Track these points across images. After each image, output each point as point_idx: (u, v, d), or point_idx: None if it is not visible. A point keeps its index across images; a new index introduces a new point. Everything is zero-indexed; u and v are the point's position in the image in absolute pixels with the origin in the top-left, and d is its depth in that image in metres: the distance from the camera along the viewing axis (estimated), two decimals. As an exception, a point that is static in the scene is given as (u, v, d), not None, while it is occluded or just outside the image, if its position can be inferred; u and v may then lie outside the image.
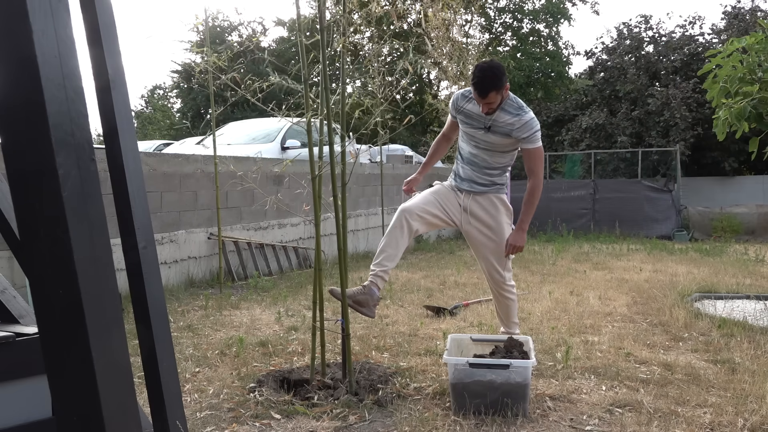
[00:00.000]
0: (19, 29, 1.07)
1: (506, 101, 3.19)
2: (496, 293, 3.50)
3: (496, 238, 3.38)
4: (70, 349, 1.12)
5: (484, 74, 3.06)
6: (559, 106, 17.96)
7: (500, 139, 3.24)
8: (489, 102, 3.10)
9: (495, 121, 3.20)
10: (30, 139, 1.10)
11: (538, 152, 3.26)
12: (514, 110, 3.19)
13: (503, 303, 3.52)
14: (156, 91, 28.38)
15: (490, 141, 3.27)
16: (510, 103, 3.20)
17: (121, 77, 1.38)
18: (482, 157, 3.34)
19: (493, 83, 3.05)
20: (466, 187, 3.40)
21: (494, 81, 3.05)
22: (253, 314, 4.83)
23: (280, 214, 7.40)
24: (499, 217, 3.40)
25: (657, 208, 12.26)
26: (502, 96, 3.13)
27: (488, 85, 3.05)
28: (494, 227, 3.38)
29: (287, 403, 2.84)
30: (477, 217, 3.39)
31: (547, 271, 7.24)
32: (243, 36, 22.10)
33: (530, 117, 3.19)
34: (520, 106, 3.21)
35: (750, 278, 6.59)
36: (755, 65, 4.32)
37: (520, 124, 3.17)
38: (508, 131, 3.20)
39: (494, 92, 3.07)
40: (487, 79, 3.05)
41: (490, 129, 3.23)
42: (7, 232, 1.65)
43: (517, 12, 20.47)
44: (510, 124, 3.18)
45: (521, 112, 3.19)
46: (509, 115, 3.18)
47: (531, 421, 2.67)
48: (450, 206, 3.42)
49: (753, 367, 3.39)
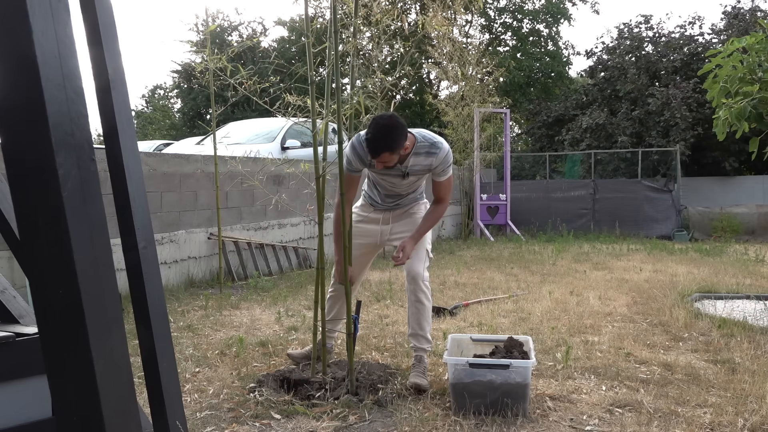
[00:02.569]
0: (19, 29, 1.07)
1: (416, 145, 2.99)
2: (412, 294, 3.14)
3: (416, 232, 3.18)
4: (70, 349, 1.12)
5: (377, 133, 2.77)
6: (559, 106, 17.96)
7: (419, 178, 3.15)
8: (382, 161, 2.86)
9: (412, 167, 3.04)
10: (30, 139, 1.10)
11: (450, 181, 3.15)
12: (428, 149, 3.01)
13: (418, 303, 3.13)
14: (156, 91, 28.38)
15: (410, 182, 3.15)
16: (422, 146, 3.00)
17: (121, 77, 1.38)
18: (404, 192, 3.23)
19: (386, 145, 2.78)
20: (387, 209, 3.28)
21: (387, 143, 2.77)
22: (253, 314, 4.83)
23: (280, 214, 7.40)
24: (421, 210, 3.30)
25: (657, 208, 12.27)
26: (399, 155, 2.89)
27: (380, 146, 2.78)
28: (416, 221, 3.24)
29: (287, 403, 2.84)
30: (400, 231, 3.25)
31: (547, 271, 7.24)
32: (243, 36, 22.10)
33: (446, 152, 3.03)
34: (434, 143, 3.02)
35: (750, 278, 6.59)
36: (755, 65, 4.32)
37: (439, 161, 3.02)
38: (426, 169, 3.07)
39: (387, 153, 2.81)
40: (379, 139, 2.77)
41: (408, 174, 3.07)
42: (7, 232, 1.65)
43: (517, 12, 20.47)
44: (428, 164, 3.04)
45: (434, 149, 3.01)
46: (423, 156, 3.02)
47: (531, 421, 2.67)
48: (366, 236, 3.28)
49: (753, 367, 3.39)
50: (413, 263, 3.11)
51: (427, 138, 3.04)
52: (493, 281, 6.46)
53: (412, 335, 3.20)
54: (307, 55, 3.05)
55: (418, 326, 3.16)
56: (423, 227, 3.16)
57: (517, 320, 4.61)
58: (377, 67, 3.54)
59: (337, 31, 2.95)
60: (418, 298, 3.12)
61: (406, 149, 2.94)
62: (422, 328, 3.16)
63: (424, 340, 3.16)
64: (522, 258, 8.48)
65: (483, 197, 12.08)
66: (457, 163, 12.21)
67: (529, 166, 17.40)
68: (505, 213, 12.11)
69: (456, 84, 12.42)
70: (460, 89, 12.08)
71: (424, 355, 3.16)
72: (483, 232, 11.71)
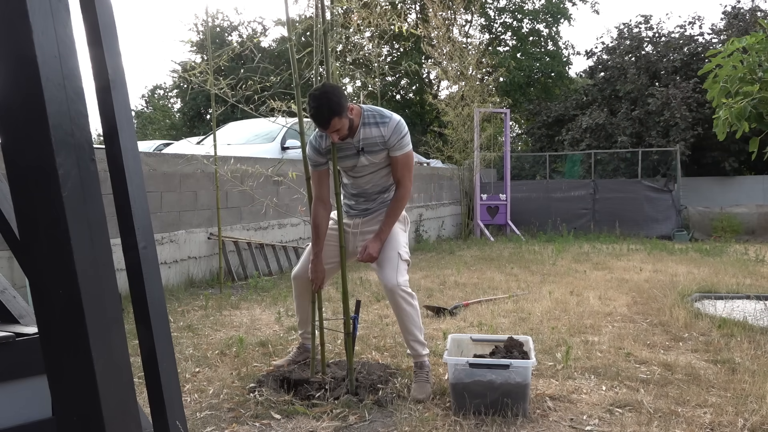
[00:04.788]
0: (19, 29, 1.07)
1: (364, 115, 2.94)
2: (392, 302, 3.03)
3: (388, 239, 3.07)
4: (70, 349, 1.12)
5: (319, 103, 2.73)
6: (559, 106, 17.96)
7: (376, 156, 2.98)
8: (335, 130, 2.81)
9: (364, 140, 2.94)
10: (30, 139, 1.10)
11: (408, 158, 3.00)
12: (378, 119, 2.94)
13: (401, 312, 3.02)
14: (156, 91, 28.39)
15: (367, 163, 3.00)
16: (369, 115, 2.94)
17: (121, 77, 1.38)
18: (370, 184, 3.10)
19: (331, 110, 2.74)
20: (358, 213, 3.18)
21: (331, 107, 2.73)
22: (253, 314, 4.83)
23: (280, 214, 7.40)
24: None
25: (657, 208, 12.26)
26: (349, 119, 2.85)
27: (326, 113, 2.74)
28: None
29: (287, 403, 2.84)
30: (368, 232, 3.13)
31: (547, 271, 7.24)
32: (243, 36, 22.10)
33: (396, 120, 2.94)
34: (382, 113, 2.96)
35: (750, 278, 6.58)
36: (755, 65, 4.32)
37: (390, 130, 2.92)
38: (380, 143, 2.95)
39: (336, 119, 2.76)
40: (323, 107, 2.73)
41: (364, 150, 2.96)
42: (7, 232, 1.65)
43: (517, 12, 20.47)
44: (380, 135, 2.93)
45: (385, 118, 2.94)
46: (374, 127, 2.93)
47: (531, 421, 2.67)
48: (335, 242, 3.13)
49: (753, 367, 3.39)
50: (385, 274, 2.98)
51: (375, 108, 2.98)
52: (493, 281, 6.46)
53: (406, 343, 3.16)
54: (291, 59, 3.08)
55: (408, 333, 3.07)
56: (386, 223, 3.04)
57: (517, 320, 4.61)
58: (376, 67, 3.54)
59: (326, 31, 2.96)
60: (398, 306, 2.99)
61: (352, 112, 2.86)
62: (412, 333, 3.06)
63: (418, 345, 3.08)
64: (522, 258, 8.48)
65: (483, 197, 12.08)
66: (457, 163, 12.21)
67: (529, 166, 17.39)
68: (505, 213, 12.11)
69: (456, 84, 12.41)
70: (460, 89, 12.08)
71: (423, 360, 3.09)
72: (483, 232, 11.71)
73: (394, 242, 3.07)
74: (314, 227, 3.10)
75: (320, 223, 3.09)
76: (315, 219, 3.09)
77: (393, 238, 3.08)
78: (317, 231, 3.09)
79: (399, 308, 3.01)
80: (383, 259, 3.04)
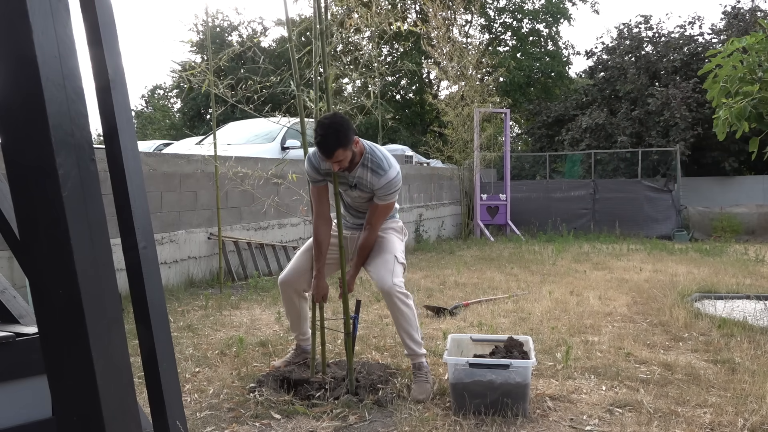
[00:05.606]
0: (19, 29, 1.07)
1: (365, 156, 2.97)
2: (389, 302, 3.05)
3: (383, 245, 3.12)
4: (70, 349, 1.12)
5: (326, 132, 2.77)
6: (559, 106, 17.97)
7: (366, 194, 3.05)
8: (338, 161, 2.84)
9: (358, 179, 3.00)
10: (30, 139, 1.10)
11: (387, 208, 3.06)
12: (375, 167, 2.97)
13: (397, 312, 3.02)
14: (156, 91, 28.38)
15: (359, 196, 3.08)
16: (370, 160, 2.98)
17: (121, 77, 1.38)
18: (360, 207, 3.16)
19: (338, 141, 2.77)
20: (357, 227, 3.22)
21: (339, 138, 2.77)
22: (253, 314, 4.83)
23: (280, 214, 7.40)
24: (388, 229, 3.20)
25: (657, 208, 12.27)
26: (353, 151, 2.88)
27: (332, 144, 2.77)
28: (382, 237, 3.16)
29: (287, 403, 2.84)
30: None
31: (547, 271, 7.24)
32: (243, 36, 22.10)
33: (391, 177, 2.96)
34: (380, 165, 2.97)
35: (750, 278, 6.58)
36: (755, 65, 4.32)
37: (380, 185, 2.96)
38: (369, 189, 3.01)
39: (341, 150, 2.79)
40: (330, 137, 2.77)
41: (356, 186, 3.03)
42: (7, 232, 1.65)
43: (516, 12, 20.47)
44: (371, 183, 2.98)
45: (381, 171, 2.96)
46: (369, 172, 2.98)
47: (531, 421, 2.67)
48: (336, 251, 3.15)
49: (753, 367, 3.39)
50: (380, 276, 3.02)
51: (375, 154, 3.00)
52: (493, 281, 6.46)
53: (402, 343, 3.15)
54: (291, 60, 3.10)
55: (404, 333, 3.06)
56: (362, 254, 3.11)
57: (517, 320, 4.61)
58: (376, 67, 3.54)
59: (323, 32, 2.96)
60: (394, 306, 3.01)
61: (357, 145, 2.90)
62: (408, 333, 3.06)
63: (414, 344, 3.07)
64: (522, 258, 8.48)
65: (483, 197, 12.08)
66: (457, 163, 12.20)
67: (529, 166, 17.40)
68: (505, 213, 12.11)
69: (456, 84, 12.42)
70: (460, 89, 12.08)
71: (421, 360, 3.09)
72: (483, 232, 11.71)
73: (390, 246, 3.11)
74: (316, 244, 3.10)
75: (322, 240, 3.09)
76: (317, 236, 3.09)
77: (389, 242, 3.13)
78: (319, 248, 3.09)
79: (395, 308, 3.02)
80: (378, 261, 3.07)
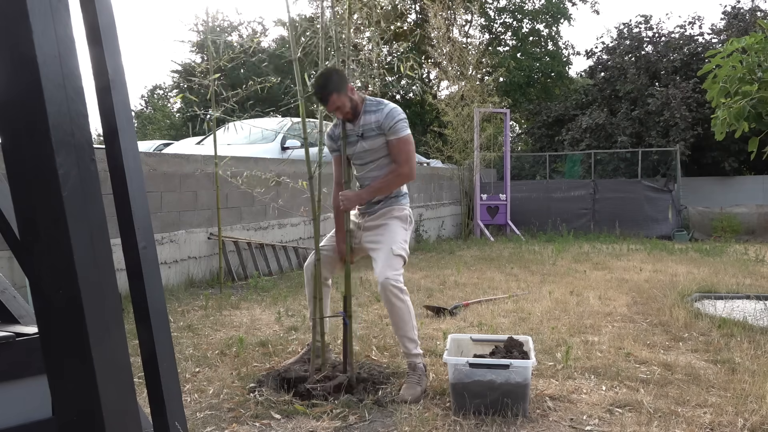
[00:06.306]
0: (19, 29, 1.07)
1: (366, 103, 3.14)
2: (383, 296, 3.04)
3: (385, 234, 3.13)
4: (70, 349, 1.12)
5: (317, 82, 3.02)
6: (559, 106, 17.96)
7: (373, 141, 3.12)
8: (336, 107, 3.03)
9: (363, 126, 3.12)
10: (30, 139, 1.10)
11: (402, 142, 3.11)
12: (375, 107, 3.12)
13: (390, 306, 3.03)
14: (156, 91, 28.38)
15: (367, 149, 3.14)
16: (369, 104, 3.14)
17: (121, 77, 1.37)
18: (374, 173, 3.18)
19: (330, 86, 2.98)
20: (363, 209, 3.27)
21: (329, 84, 2.98)
22: (253, 314, 4.83)
23: (280, 214, 7.40)
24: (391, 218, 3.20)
25: (657, 208, 12.26)
26: (350, 99, 3.05)
27: (324, 90, 2.99)
28: (383, 225, 3.18)
29: (287, 403, 2.84)
30: (369, 227, 3.22)
31: (547, 271, 7.24)
32: (243, 36, 22.09)
33: (391, 107, 3.11)
34: (379, 102, 3.15)
35: (750, 278, 6.58)
36: (755, 65, 4.32)
37: (384, 115, 3.08)
38: (377, 128, 3.10)
39: (334, 95, 2.99)
40: (320, 85, 3.00)
41: (363, 136, 3.13)
42: (7, 232, 1.65)
43: (517, 12, 20.46)
44: (376, 121, 3.10)
45: (381, 105, 3.12)
46: (372, 113, 3.11)
47: (531, 421, 2.67)
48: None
49: (753, 367, 3.39)
50: (377, 268, 3.04)
51: (376, 99, 3.19)
52: (493, 281, 6.46)
53: (398, 340, 3.14)
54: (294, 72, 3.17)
55: (398, 329, 3.07)
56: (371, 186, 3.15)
57: (517, 320, 4.61)
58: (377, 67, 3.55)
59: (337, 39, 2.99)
60: (388, 300, 3.00)
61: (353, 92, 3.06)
62: (402, 329, 3.06)
63: (409, 342, 3.06)
64: (522, 258, 8.48)
65: (483, 197, 12.08)
66: (457, 163, 12.20)
67: (529, 166, 17.39)
68: (505, 213, 12.11)
69: (456, 84, 12.41)
70: (460, 89, 12.08)
71: (415, 360, 3.07)
72: (483, 232, 11.71)
73: (390, 237, 3.11)
74: (334, 209, 3.31)
75: (338, 205, 3.25)
76: (334, 201, 3.31)
77: (391, 232, 3.14)
78: (336, 212, 3.29)
79: (388, 303, 3.01)
80: (377, 253, 3.09)
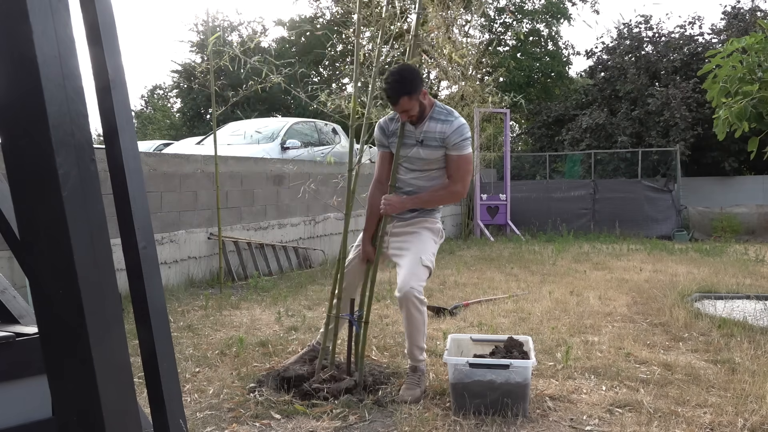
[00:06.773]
0: (19, 29, 1.06)
1: (434, 110, 3.01)
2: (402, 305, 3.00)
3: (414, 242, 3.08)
4: (70, 349, 1.12)
5: (393, 79, 2.86)
6: (559, 106, 17.96)
7: (432, 152, 3.02)
8: (404, 109, 2.90)
9: (426, 133, 2.99)
10: (30, 139, 1.10)
11: (462, 160, 3.01)
12: (444, 117, 3.00)
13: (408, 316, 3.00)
14: (156, 91, 28.38)
15: (423, 157, 3.04)
16: (438, 111, 3.01)
17: (121, 77, 1.37)
18: (420, 181, 3.11)
19: (404, 88, 2.84)
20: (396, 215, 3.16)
21: (404, 85, 2.84)
22: (253, 314, 4.83)
23: (280, 214, 7.40)
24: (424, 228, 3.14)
25: (657, 208, 12.27)
26: (419, 102, 2.92)
27: (398, 90, 2.85)
28: (414, 233, 3.12)
29: (287, 403, 2.84)
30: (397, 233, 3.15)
31: (547, 271, 7.24)
32: (243, 36, 22.09)
33: (461, 122, 3.00)
34: (450, 112, 3.03)
35: (750, 278, 6.59)
36: (755, 65, 4.32)
37: (452, 129, 2.96)
38: (440, 139, 2.98)
39: (406, 98, 2.85)
40: (396, 83, 2.85)
41: (423, 143, 3.01)
42: (7, 232, 1.65)
43: (516, 12, 20.46)
44: (441, 132, 2.97)
45: (451, 117, 3.00)
46: (439, 123, 2.98)
47: (531, 421, 2.67)
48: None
49: (753, 367, 3.39)
50: (402, 276, 2.98)
51: (446, 107, 3.05)
52: (493, 281, 6.46)
53: (407, 347, 3.13)
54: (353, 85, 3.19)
55: (411, 339, 3.06)
56: (419, 197, 3.06)
57: (517, 320, 4.61)
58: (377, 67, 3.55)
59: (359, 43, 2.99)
60: (407, 310, 2.97)
61: (425, 97, 2.94)
62: (414, 339, 3.05)
63: (417, 350, 3.07)
64: (522, 258, 8.48)
65: (483, 197, 12.08)
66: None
67: (529, 166, 17.39)
68: (505, 213, 12.11)
69: (456, 84, 12.41)
70: (460, 89, 12.07)
71: (418, 365, 3.08)
72: (483, 232, 11.71)
73: (421, 248, 3.07)
74: (369, 207, 3.17)
75: (375, 204, 3.13)
76: (371, 199, 3.17)
77: (422, 241, 3.09)
78: (371, 211, 3.15)
79: (407, 312, 2.99)
80: (403, 260, 3.05)
